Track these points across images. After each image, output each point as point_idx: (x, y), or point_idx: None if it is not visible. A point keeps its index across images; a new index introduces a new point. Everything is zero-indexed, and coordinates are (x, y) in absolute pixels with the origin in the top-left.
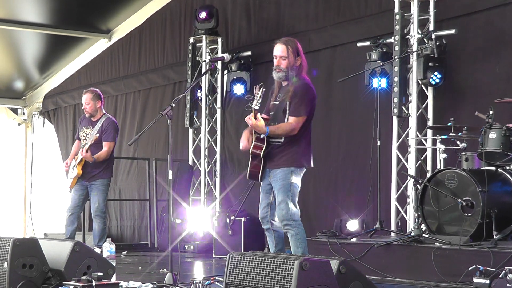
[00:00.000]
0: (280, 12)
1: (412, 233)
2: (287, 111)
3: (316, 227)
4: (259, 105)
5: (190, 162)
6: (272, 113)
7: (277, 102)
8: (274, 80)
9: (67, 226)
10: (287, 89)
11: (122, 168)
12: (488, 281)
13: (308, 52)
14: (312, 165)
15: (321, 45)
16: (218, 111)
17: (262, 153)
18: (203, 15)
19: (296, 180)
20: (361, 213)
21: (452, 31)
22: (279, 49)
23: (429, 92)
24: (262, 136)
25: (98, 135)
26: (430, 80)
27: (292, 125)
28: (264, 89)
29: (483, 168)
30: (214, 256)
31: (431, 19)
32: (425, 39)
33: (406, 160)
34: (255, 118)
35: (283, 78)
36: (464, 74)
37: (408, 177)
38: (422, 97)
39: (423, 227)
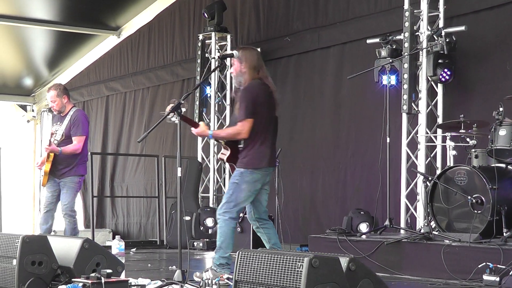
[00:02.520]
0: (289, 9)
1: (422, 230)
2: None
3: (325, 224)
4: (176, 118)
5: (199, 159)
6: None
7: (236, 111)
8: (284, 76)
9: (41, 225)
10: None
11: (130, 165)
12: (498, 279)
13: (317, 49)
14: (265, 165)
15: (330, 42)
16: (227, 108)
17: (225, 158)
18: (205, 15)
19: (242, 181)
20: (370, 211)
21: (462, 28)
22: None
23: (439, 89)
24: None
25: (65, 130)
26: (440, 77)
27: (237, 129)
28: (173, 104)
29: (493, 165)
30: None
31: (441, 15)
32: (434, 36)
33: (416, 157)
34: (196, 126)
35: (237, 84)
36: (474, 71)
37: (418, 174)
38: (431, 94)
39: (432, 224)
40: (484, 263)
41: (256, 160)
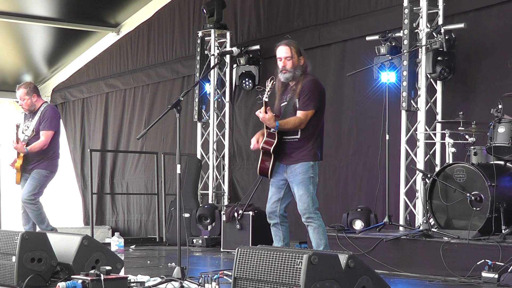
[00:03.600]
0: (290, 6)
1: (421, 228)
2: (297, 107)
3: (327, 221)
4: (267, 97)
5: (198, 156)
6: (282, 113)
7: (286, 103)
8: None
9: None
10: (294, 88)
11: (130, 162)
12: (496, 276)
13: (318, 46)
14: (321, 158)
15: (331, 39)
16: (227, 105)
17: (272, 149)
18: (204, 12)
19: (316, 174)
20: (371, 208)
21: (461, 25)
22: (282, 51)
23: (438, 86)
24: (272, 130)
25: (35, 126)
26: (439, 74)
27: (301, 119)
28: (274, 82)
29: (492, 162)
30: (222, 250)
31: (440, 13)
32: (434, 33)
33: (415, 155)
34: (266, 111)
35: (290, 78)
36: (474, 69)
37: (417, 171)
38: (431, 91)
39: (431, 221)
40: (483, 260)
41: (319, 151)
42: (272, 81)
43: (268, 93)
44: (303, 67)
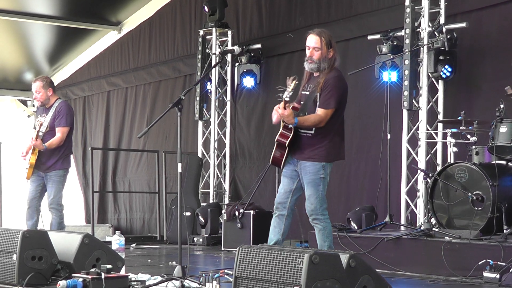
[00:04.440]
0: (291, 5)
1: (422, 227)
2: (318, 102)
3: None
4: (288, 97)
5: (199, 155)
6: (302, 102)
7: (307, 92)
8: (287, 73)
9: (26, 221)
10: (318, 80)
11: (132, 161)
12: (498, 275)
13: None
14: (344, 158)
15: (333, 38)
16: (228, 103)
17: (287, 142)
18: (206, 9)
19: (327, 174)
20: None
21: (463, 25)
22: (312, 40)
23: (440, 86)
24: (290, 125)
25: (50, 122)
26: (441, 73)
27: (321, 117)
28: (297, 82)
29: (494, 162)
30: (223, 249)
31: (442, 12)
32: (435, 32)
33: (416, 154)
34: (284, 108)
35: (315, 69)
36: (476, 68)
37: (418, 171)
38: (432, 90)
39: (433, 221)
40: (484, 260)
41: (336, 151)
42: (294, 81)
43: (290, 93)
44: (331, 60)
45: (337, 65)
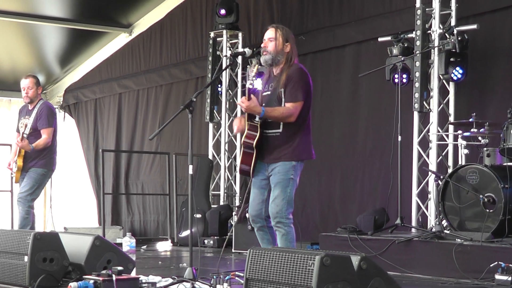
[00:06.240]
0: (303, 7)
1: (433, 229)
2: (283, 99)
3: (342, 222)
4: (253, 84)
5: (210, 157)
6: (264, 104)
7: (268, 92)
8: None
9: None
10: (279, 77)
11: (145, 163)
12: (510, 278)
13: (333, 47)
14: (314, 157)
15: (345, 40)
16: (239, 106)
17: (254, 143)
18: (222, 11)
19: (296, 176)
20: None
21: (474, 26)
22: (268, 33)
23: (451, 88)
24: (256, 121)
25: (32, 123)
26: (452, 75)
27: (290, 110)
28: (259, 66)
29: (505, 164)
30: (233, 251)
31: (453, 14)
32: (446, 34)
33: (427, 156)
34: (249, 99)
35: (269, 61)
36: (487, 70)
37: (429, 173)
38: (443, 92)
39: (444, 223)
40: (496, 263)
41: (307, 150)
42: (256, 66)
43: (254, 78)
44: (288, 55)
45: (297, 61)
